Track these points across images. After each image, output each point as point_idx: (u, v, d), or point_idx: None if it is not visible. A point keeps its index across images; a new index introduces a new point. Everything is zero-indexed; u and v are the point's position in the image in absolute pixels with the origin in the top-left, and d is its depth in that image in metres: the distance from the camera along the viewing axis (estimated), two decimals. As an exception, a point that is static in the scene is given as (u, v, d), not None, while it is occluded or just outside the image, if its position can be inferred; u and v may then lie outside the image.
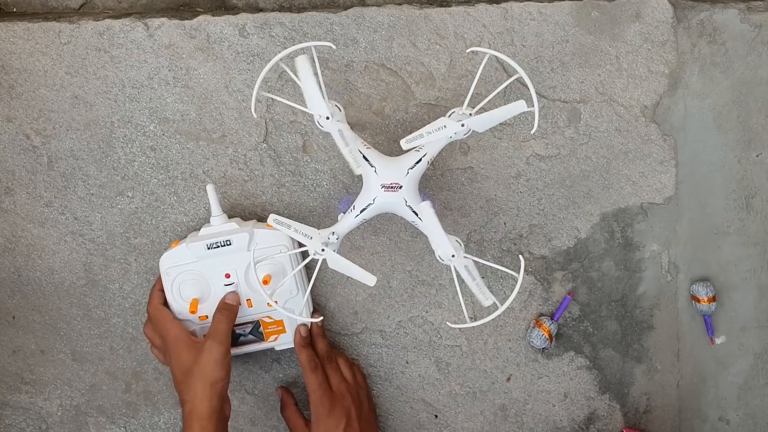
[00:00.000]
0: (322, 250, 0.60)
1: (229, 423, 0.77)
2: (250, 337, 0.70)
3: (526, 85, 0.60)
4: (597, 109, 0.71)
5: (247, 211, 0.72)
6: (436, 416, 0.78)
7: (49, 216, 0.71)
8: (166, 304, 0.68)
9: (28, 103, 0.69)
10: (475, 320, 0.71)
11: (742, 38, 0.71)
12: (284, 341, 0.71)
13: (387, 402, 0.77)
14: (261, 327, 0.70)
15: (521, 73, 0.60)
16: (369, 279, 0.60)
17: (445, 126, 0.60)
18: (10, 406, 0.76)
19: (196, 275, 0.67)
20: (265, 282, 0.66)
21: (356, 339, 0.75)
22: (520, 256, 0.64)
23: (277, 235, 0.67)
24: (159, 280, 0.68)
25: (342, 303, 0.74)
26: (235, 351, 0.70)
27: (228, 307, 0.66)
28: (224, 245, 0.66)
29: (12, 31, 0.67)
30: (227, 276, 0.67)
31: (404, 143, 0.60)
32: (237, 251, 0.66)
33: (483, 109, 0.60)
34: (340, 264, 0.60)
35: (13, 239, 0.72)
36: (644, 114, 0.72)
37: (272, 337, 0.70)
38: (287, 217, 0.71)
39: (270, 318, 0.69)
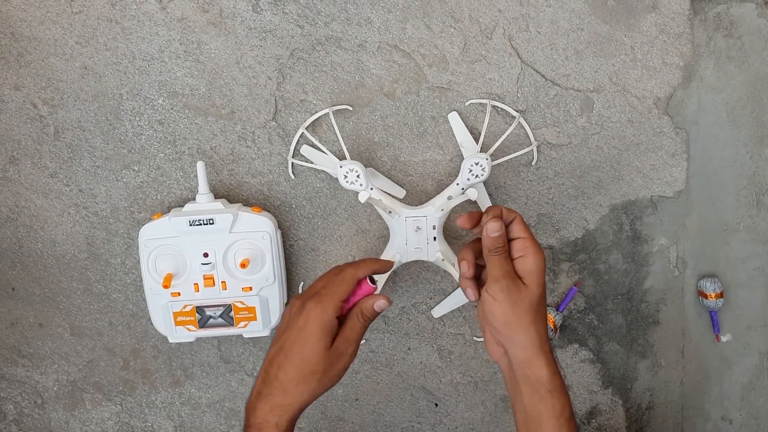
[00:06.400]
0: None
1: (227, 404, 0.77)
2: (220, 320, 0.69)
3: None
4: (610, 99, 0.71)
5: (254, 189, 0.71)
6: (436, 405, 0.77)
7: (53, 187, 0.70)
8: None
9: (36, 71, 0.68)
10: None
11: (759, 33, 0.70)
12: (253, 329, 0.69)
13: (387, 388, 0.76)
14: (232, 311, 0.68)
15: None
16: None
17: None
18: (6, 379, 0.75)
19: (174, 250, 0.66)
20: (243, 266, 0.66)
21: (358, 323, 0.75)
22: None
23: (261, 220, 0.67)
24: (376, 262, 0.58)
25: (345, 286, 0.73)
26: (203, 333, 0.69)
27: (373, 315, 0.56)
28: (207, 223, 0.65)
29: (23, -1, 0.67)
30: (205, 255, 0.66)
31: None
32: (219, 231, 0.66)
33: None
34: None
35: (16, 209, 0.71)
36: (657, 106, 0.71)
37: (242, 324, 0.69)
38: (293, 198, 0.71)
39: (242, 303, 0.68)
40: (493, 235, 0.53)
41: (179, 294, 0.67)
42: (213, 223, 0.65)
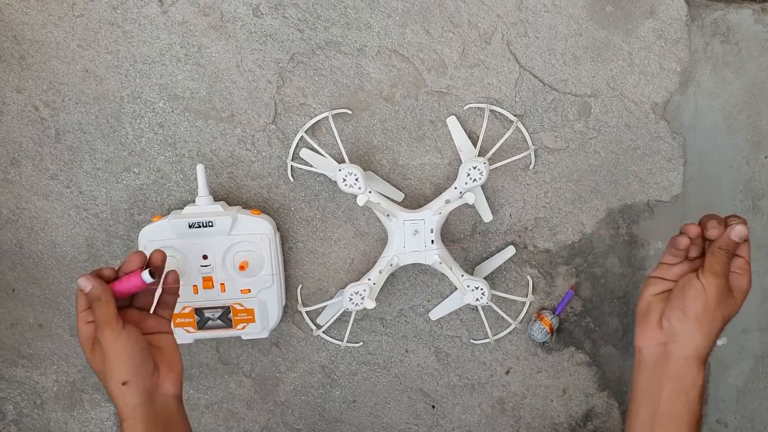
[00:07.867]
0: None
1: (225, 406, 0.77)
2: (219, 322, 0.69)
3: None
4: (607, 104, 0.71)
5: (253, 192, 0.71)
6: (433, 407, 0.78)
7: (54, 189, 0.71)
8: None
9: (38, 74, 0.68)
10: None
11: (756, 39, 0.71)
12: (252, 331, 0.69)
13: (384, 390, 0.77)
14: (231, 313, 0.69)
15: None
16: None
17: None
18: (6, 380, 0.75)
19: (173, 252, 0.67)
20: (242, 268, 0.66)
21: (356, 325, 0.75)
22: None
23: (260, 223, 0.67)
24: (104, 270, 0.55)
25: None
26: (201, 335, 0.69)
27: (94, 296, 0.52)
28: (206, 226, 0.66)
29: (26, 2, 0.67)
30: (205, 257, 0.67)
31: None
32: (218, 234, 0.66)
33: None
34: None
35: (16, 211, 0.71)
36: (654, 111, 0.71)
37: (240, 326, 0.69)
38: (292, 200, 0.72)
39: (241, 305, 0.69)
40: (736, 238, 0.54)
41: (178, 296, 0.68)
42: (212, 226, 0.66)
